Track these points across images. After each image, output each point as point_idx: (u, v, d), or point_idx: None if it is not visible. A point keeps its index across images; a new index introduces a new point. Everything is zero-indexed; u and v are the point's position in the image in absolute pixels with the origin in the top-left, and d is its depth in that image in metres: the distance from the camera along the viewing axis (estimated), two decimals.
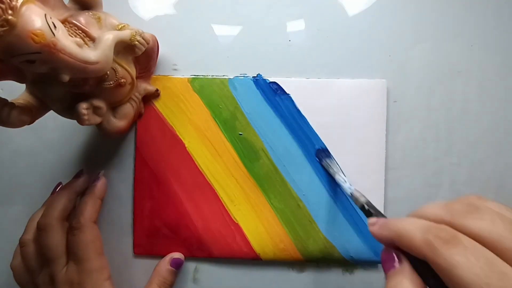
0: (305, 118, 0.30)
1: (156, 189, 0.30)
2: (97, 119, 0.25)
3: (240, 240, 0.30)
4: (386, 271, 0.18)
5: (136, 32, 0.25)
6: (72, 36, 0.22)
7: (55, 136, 0.32)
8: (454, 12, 0.31)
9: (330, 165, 0.29)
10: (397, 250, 0.18)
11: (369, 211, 0.23)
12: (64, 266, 0.27)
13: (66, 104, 0.24)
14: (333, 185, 0.30)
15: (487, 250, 0.15)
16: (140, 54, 0.26)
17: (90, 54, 0.21)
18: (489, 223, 0.16)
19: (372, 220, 0.20)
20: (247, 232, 0.30)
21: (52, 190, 0.30)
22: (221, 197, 0.30)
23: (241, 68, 0.31)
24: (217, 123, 0.30)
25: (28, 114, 0.23)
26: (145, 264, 0.31)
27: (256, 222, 0.30)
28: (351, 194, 0.26)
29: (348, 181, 0.27)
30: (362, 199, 0.24)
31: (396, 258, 0.18)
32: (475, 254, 0.15)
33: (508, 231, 0.15)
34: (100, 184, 0.30)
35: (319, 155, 0.30)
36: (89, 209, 0.28)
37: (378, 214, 0.22)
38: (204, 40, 0.31)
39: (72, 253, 0.27)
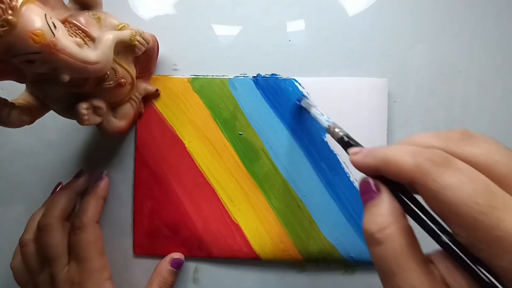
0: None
1: (156, 189, 0.30)
2: (97, 119, 0.25)
3: (240, 240, 0.30)
4: (364, 202, 0.17)
5: (136, 32, 0.25)
6: (72, 36, 0.22)
7: (55, 136, 0.32)
8: (454, 12, 0.31)
9: (308, 103, 0.28)
10: (378, 179, 0.17)
11: (349, 143, 0.21)
12: (65, 266, 0.27)
13: (66, 104, 0.24)
14: (333, 185, 0.30)
15: (481, 174, 0.14)
16: (140, 54, 0.26)
17: (90, 54, 0.21)
18: (484, 149, 0.15)
19: (355, 149, 0.19)
20: (247, 232, 0.30)
21: (52, 190, 0.30)
22: (221, 197, 0.30)
23: (241, 68, 0.31)
24: (217, 123, 0.30)
25: (28, 114, 0.23)
26: (145, 264, 0.31)
27: (256, 222, 0.30)
28: (328, 126, 0.24)
29: (326, 115, 0.25)
30: (341, 132, 0.22)
31: (374, 187, 0.17)
32: (468, 176, 0.14)
33: (503, 157, 0.15)
34: (103, 184, 0.30)
35: (299, 99, 0.29)
36: (91, 208, 0.28)
37: (357, 144, 0.20)
38: (204, 40, 0.31)
39: (73, 253, 0.27)
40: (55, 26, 0.19)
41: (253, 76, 0.30)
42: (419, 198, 0.16)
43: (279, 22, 0.31)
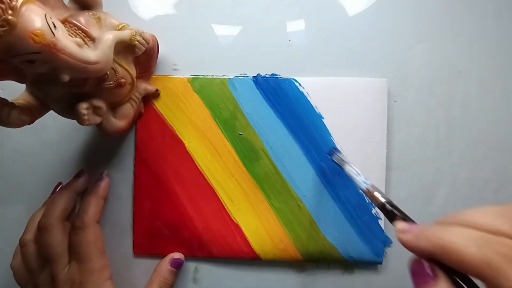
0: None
1: (156, 189, 0.30)
2: (97, 119, 0.25)
3: (240, 240, 0.30)
4: (417, 285, 0.16)
5: (136, 32, 0.25)
6: (72, 36, 0.22)
7: (55, 136, 0.32)
8: (454, 12, 0.31)
9: (341, 159, 0.27)
10: (432, 262, 0.16)
11: (391, 211, 0.19)
12: (65, 266, 0.27)
13: (66, 104, 0.24)
14: (333, 185, 0.30)
15: None
16: (140, 54, 0.26)
17: (90, 54, 0.21)
18: None
19: (403, 226, 0.17)
20: (247, 232, 0.30)
21: (52, 190, 0.30)
22: (221, 197, 0.30)
23: (241, 68, 0.31)
24: (217, 123, 0.30)
25: (28, 114, 0.23)
26: (145, 264, 0.31)
27: (256, 222, 0.30)
28: (366, 189, 0.22)
29: (363, 176, 0.24)
30: (382, 198, 0.20)
31: (430, 271, 0.15)
32: None
33: None
34: (104, 184, 0.30)
35: (330, 152, 0.29)
36: (92, 208, 0.28)
37: (403, 215, 0.18)
38: (204, 40, 0.31)
39: (74, 253, 0.27)
40: (55, 26, 0.19)
41: (253, 76, 0.30)
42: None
43: (279, 22, 0.31)
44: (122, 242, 0.31)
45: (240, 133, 0.30)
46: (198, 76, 0.31)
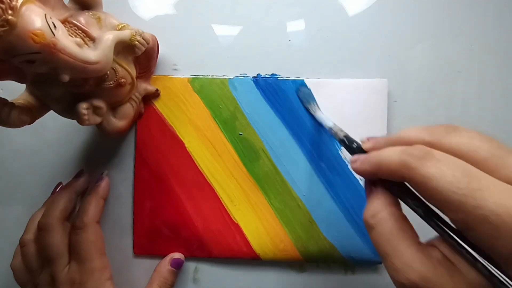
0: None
1: (156, 189, 0.30)
2: (97, 119, 0.25)
3: (240, 240, 0.30)
4: (366, 198, 0.19)
5: (136, 32, 0.25)
6: (72, 36, 0.22)
7: (55, 136, 0.32)
8: (454, 12, 0.31)
9: (306, 97, 0.29)
10: (380, 182, 0.19)
11: (350, 146, 0.22)
12: (65, 266, 0.27)
13: (66, 104, 0.24)
14: (333, 185, 0.30)
15: (460, 160, 0.15)
16: (140, 54, 0.26)
17: (90, 54, 0.21)
18: (466, 138, 0.16)
19: (353, 157, 0.20)
20: (247, 232, 0.30)
21: (52, 190, 0.30)
22: (221, 197, 0.30)
23: (241, 68, 0.31)
24: (217, 123, 0.30)
25: (28, 114, 0.23)
26: (145, 264, 0.31)
27: (256, 222, 0.30)
28: (329, 128, 0.25)
29: (325, 113, 0.27)
30: (341, 133, 0.24)
31: (371, 184, 0.19)
32: (447, 164, 0.15)
33: (483, 142, 0.16)
34: (104, 184, 0.30)
35: (299, 94, 0.30)
36: (92, 209, 0.28)
37: (359, 149, 0.21)
38: (204, 40, 0.31)
39: (74, 253, 0.27)
40: (55, 26, 0.19)
41: (253, 76, 0.30)
42: None
43: (279, 22, 0.31)
44: (122, 242, 0.31)
45: (240, 133, 0.30)
46: (198, 76, 0.31)
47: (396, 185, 0.18)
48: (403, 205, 0.19)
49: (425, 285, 0.15)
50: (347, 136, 0.23)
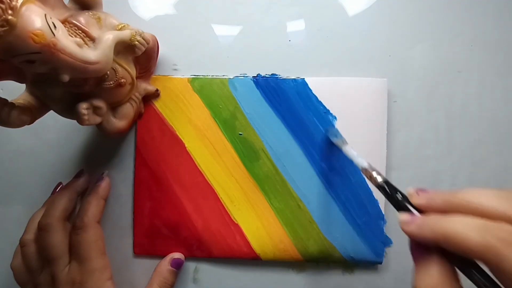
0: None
1: (156, 189, 0.30)
2: (97, 119, 0.25)
3: (240, 240, 0.30)
4: (415, 260, 0.17)
5: (136, 32, 0.25)
6: (72, 36, 0.22)
7: (55, 136, 0.32)
8: (454, 12, 0.31)
9: (339, 139, 0.27)
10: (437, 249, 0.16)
11: (392, 195, 0.19)
12: (65, 266, 0.27)
13: (66, 104, 0.24)
14: (333, 185, 0.30)
15: None
16: (140, 54, 0.26)
17: (90, 54, 0.21)
18: None
19: (405, 217, 0.17)
20: (247, 232, 0.30)
21: (52, 190, 0.30)
22: (221, 197, 0.30)
23: (241, 68, 0.31)
24: (217, 123, 0.30)
25: (28, 114, 0.23)
26: (145, 264, 0.31)
27: (256, 222, 0.30)
28: (364, 169, 0.23)
29: (361, 156, 0.24)
30: (379, 178, 0.21)
31: (425, 253, 0.17)
32: None
33: None
34: (104, 184, 0.30)
35: (328, 131, 0.29)
36: (92, 209, 0.28)
37: (404, 200, 0.18)
38: (204, 40, 0.31)
39: (74, 253, 0.27)
40: (55, 26, 0.19)
41: (253, 76, 0.30)
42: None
43: (279, 22, 0.31)
44: (122, 242, 0.31)
45: (240, 133, 0.30)
46: (198, 76, 0.31)
47: (462, 260, 0.16)
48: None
49: None
50: (387, 182, 0.20)
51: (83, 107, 0.23)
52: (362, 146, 0.30)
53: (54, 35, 0.19)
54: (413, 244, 0.17)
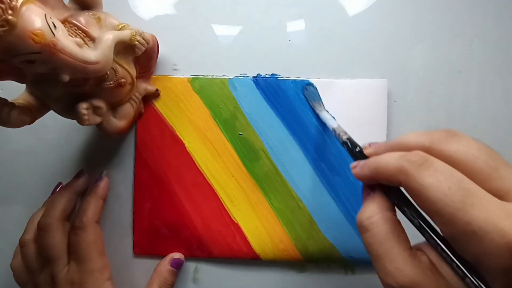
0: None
1: (156, 189, 0.30)
2: (97, 119, 0.25)
3: (240, 240, 0.30)
4: (363, 200, 0.20)
5: (136, 32, 0.25)
6: (72, 36, 0.22)
7: (55, 136, 0.32)
8: (454, 12, 0.31)
9: (313, 96, 0.29)
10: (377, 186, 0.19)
11: (352, 149, 0.22)
12: (65, 266, 0.27)
13: (66, 104, 0.24)
14: (333, 185, 0.30)
15: (457, 171, 0.16)
16: (140, 54, 0.26)
17: (90, 54, 0.21)
18: (465, 146, 0.17)
19: (354, 163, 0.21)
20: (247, 232, 0.30)
21: (52, 190, 0.30)
22: (221, 197, 0.30)
23: (241, 68, 0.31)
24: (217, 123, 0.30)
25: (28, 114, 0.23)
26: (145, 264, 0.31)
27: (256, 222, 0.30)
28: (332, 129, 0.26)
29: (332, 115, 0.27)
30: (344, 136, 0.24)
31: (369, 188, 0.20)
32: (444, 175, 0.15)
33: (482, 153, 0.16)
34: (103, 184, 0.30)
35: (305, 92, 0.30)
36: (92, 209, 0.28)
37: (360, 153, 0.21)
38: (204, 40, 0.31)
39: (74, 253, 0.27)
40: (55, 26, 0.19)
41: (253, 76, 0.30)
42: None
43: (279, 22, 0.31)
44: (122, 242, 0.31)
45: (240, 133, 0.30)
46: (198, 76, 0.31)
47: (393, 191, 0.19)
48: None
49: None
50: (350, 139, 0.23)
51: (83, 107, 0.23)
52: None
53: (54, 35, 0.19)
54: (363, 187, 0.20)
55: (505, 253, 0.14)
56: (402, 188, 0.18)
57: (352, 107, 0.30)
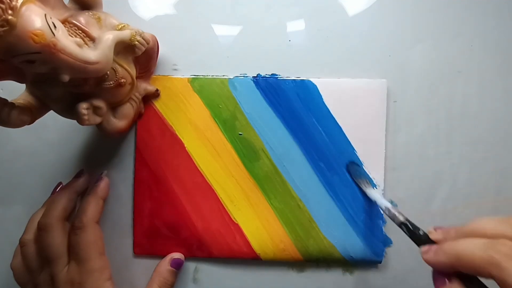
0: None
1: (156, 189, 0.30)
2: (97, 119, 0.25)
3: (240, 240, 0.30)
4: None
5: (136, 32, 0.25)
6: (72, 36, 0.22)
7: (55, 136, 0.32)
8: (454, 12, 0.31)
9: (361, 178, 0.29)
10: (456, 275, 0.18)
11: (414, 232, 0.22)
12: (65, 266, 0.27)
13: (66, 104, 0.24)
14: (332, 185, 0.30)
15: None
16: (140, 54, 0.26)
17: (90, 54, 0.21)
18: None
19: (425, 248, 0.20)
20: (247, 232, 0.30)
21: (52, 190, 0.30)
22: (221, 197, 0.30)
23: (241, 68, 0.31)
24: (217, 123, 0.30)
25: (28, 114, 0.23)
26: (145, 264, 0.31)
27: (256, 222, 0.30)
28: (385, 208, 0.25)
29: (383, 196, 0.27)
30: (400, 217, 0.23)
31: (446, 279, 0.18)
32: None
33: None
34: (103, 184, 0.30)
35: (350, 169, 0.30)
36: (91, 209, 0.28)
37: (424, 237, 0.21)
38: (204, 40, 0.31)
39: (73, 253, 0.27)
40: (55, 26, 0.19)
41: (253, 76, 0.30)
42: None
43: (279, 22, 0.31)
44: (122, 242, 0.31)
45: (240, 133, 0.30)
46: (198, 76, 0.31)
47: (474, 281, 0.18)
48: None
49: None
50: (409, 221, 0.22)
51: (83, 107, 0.23)
52: (361, 146, 0.30)
53: (54, 35, 0.19)
54: (435, 273, 0.19)
55: None
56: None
57: (352, 107, 0.30)
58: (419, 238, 0.21)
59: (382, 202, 0.26)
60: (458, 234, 0.19)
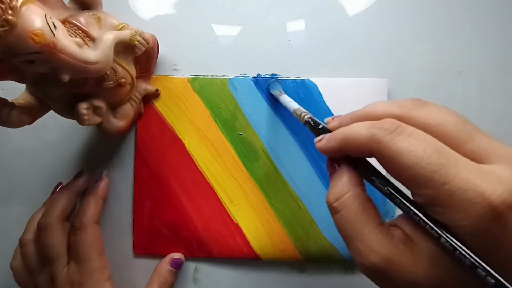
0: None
1: (156, 189, 0.30)
2: (97, 119, 0.25)
3: (240, 240, 0.30)
4: (329, 176, 0.19)
5: (136, 32, 0.25)
6: (72, 36, 0.22)
7: (55, 136, 0.32)
8: (454, 12, 0.31)
9: (276, 89, 0.29)
10: (345, 159, 0.19)
11: (316, 128, 0.21)
12: (64, 266, 0.27)
13: (66, 104, 0.24)
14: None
15: (429, 135, 0.15)
16: (140, 54, 0.26)
17: (90, 54, 0.21)
18: (435, 113, 0.17)
19: (318, 138, 0.20)
20: (247, 232, 0.30)
21: (52, 190, 0.30)
22: (221, 197, 0.30)
23: (241, 68, 0.31)
24: (217, 123, 0.30)
25: (28, 114, 0.23)
26: (145, 264, 0.31)
27: (256, 222, 0.30)
28: (293, 110, 0.25)
29: (293, 101, 0.26)
30: (305, 115, 0.23)
31: (334, 163, 0.19)
32: (418, 139, 0.15)
33: (451, 117, 0.17)
34: (103, 184, 0.30)
35: (269, 85, 0.30)
36: (91, 209, 0.28)
37: (324, 130, 0.21)
38: (204, 40, 0.31)
39: (73, 253, 0.27)
40: (55, 26, 0.19)
41: (253, 76, 0.30)
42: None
43: (279, 22, 0.31)
44: (122, 242, 0.31)
45: (240, 133, 0.30)
46: (198, 76, 0.31)
47: (360, 162, 0.18)
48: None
49: (387, 266, 0.16)
50: (312, 118, 0.22)
51: (83, 107, 0.23)
52: None
53: (54, 35, 0.19)
54: (328, 162, 0.19)
55: (483, 212, 0.13)
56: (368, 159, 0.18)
57: (352, 107, 0.30)
58: (319, 132, 0.21)
59: (291, 105, 0.25)
60: (352, 119, 0.19)
